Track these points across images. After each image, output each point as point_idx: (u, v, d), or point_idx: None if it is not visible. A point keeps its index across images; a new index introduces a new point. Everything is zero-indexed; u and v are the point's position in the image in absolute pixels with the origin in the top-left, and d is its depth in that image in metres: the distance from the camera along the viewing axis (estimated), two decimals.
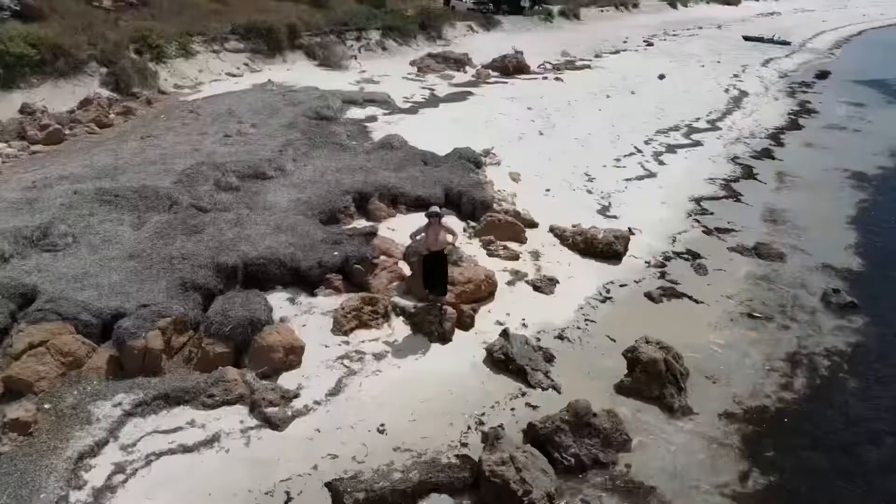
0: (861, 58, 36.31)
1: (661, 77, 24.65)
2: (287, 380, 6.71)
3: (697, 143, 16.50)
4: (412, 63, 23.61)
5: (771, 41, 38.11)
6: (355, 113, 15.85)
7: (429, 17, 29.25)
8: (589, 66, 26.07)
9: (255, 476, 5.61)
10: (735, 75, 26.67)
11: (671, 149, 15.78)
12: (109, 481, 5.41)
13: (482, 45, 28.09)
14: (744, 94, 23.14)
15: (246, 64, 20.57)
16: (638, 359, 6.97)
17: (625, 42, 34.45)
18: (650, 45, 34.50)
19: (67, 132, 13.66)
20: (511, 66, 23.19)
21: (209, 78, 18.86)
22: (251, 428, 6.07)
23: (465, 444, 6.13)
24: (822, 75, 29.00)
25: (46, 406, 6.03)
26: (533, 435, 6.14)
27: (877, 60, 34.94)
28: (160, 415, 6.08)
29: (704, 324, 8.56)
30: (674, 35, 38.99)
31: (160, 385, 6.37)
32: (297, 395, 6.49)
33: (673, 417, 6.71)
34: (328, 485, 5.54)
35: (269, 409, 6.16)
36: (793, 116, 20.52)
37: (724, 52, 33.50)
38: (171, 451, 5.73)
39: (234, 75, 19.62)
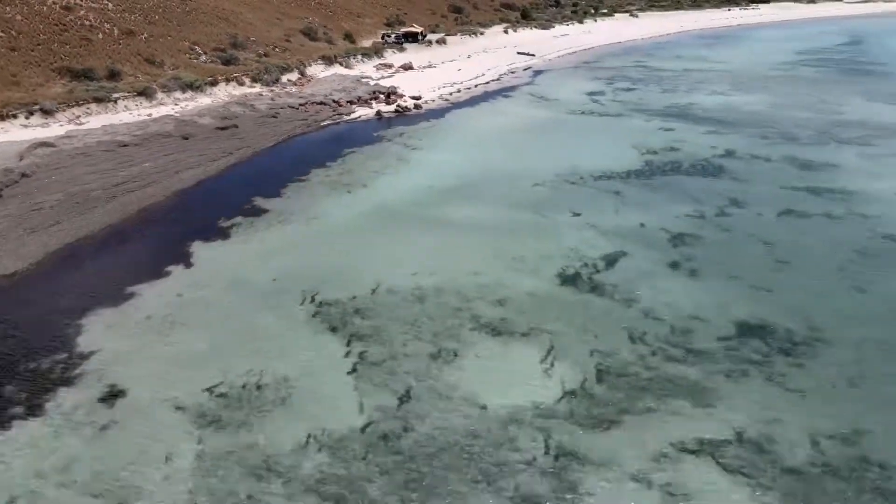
0: (561, 60, 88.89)
1: (459, 70, 75.84)
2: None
3: (456, 84, 67.41)
4: (374, 66, 74.23)
5: (526, 54, 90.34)
6: (370, 81, 66.09)
7: (377, 48, 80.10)
8: (434, 67, 77.17)
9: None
10: (488, 70, 78.11)
11: (444, 87, 66.51)
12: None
13: (399, 58, 78.95)
14: (482, 76, 74.46)
15: (325, 66, 70.48)
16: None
17: (458, 57, 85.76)
18: (469, 57, 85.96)
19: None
20: (406, 67, 74.17)
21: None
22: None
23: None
24: (527, 69, 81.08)
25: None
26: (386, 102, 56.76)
27: (562, 63, 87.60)
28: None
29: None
30: (485, 52, 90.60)
31: None
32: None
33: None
34: None
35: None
36: (489, 82, 71.86)
37: (499, 60, 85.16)
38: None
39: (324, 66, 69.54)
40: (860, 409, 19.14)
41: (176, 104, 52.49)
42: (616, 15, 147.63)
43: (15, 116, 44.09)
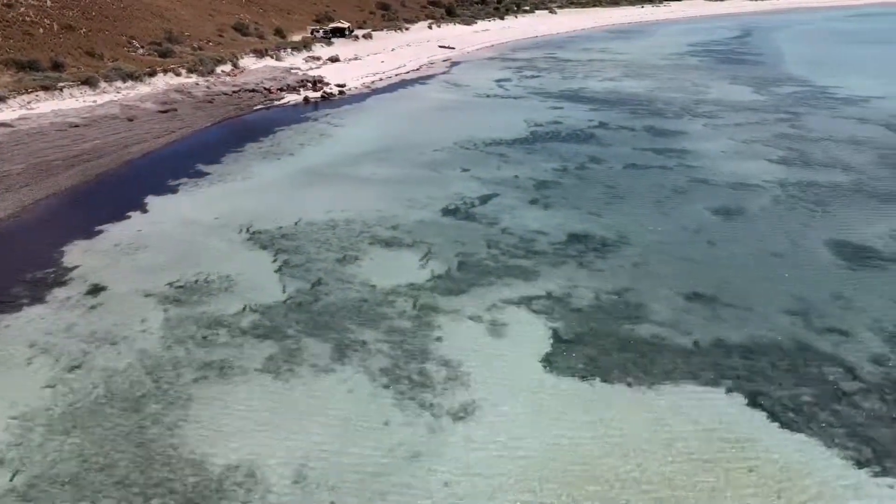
0: (478, 53, 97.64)
1: (382, 62, 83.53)
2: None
3: (379, 73, 75.00)
4: (303, 59, 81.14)
5: (447, 47, 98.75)
6: (299, 72, 73.01)
7: (306, 42, 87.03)
8: (360, 59, 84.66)
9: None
10: (409, 62, 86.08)
11: (368, 76, 74.06)
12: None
13: (327, 51, 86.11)
14: (403, 67, 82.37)
15: (257, 58, 76.96)
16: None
17: (383, 50, 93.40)
18: (393, 50, 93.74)
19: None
20: (333, 60, 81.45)
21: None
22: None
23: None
24: (446, 60, 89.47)
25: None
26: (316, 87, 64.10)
27: (479, 55, 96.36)
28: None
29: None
30: (409, 46, 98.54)
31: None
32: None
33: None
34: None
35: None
36: (409, 72, 79.82)
37: (421, 53, 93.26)
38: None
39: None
40: (633, 279, 28.02)
41: (118, 92, 58.27)
42: (536, 11, 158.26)
43: None
